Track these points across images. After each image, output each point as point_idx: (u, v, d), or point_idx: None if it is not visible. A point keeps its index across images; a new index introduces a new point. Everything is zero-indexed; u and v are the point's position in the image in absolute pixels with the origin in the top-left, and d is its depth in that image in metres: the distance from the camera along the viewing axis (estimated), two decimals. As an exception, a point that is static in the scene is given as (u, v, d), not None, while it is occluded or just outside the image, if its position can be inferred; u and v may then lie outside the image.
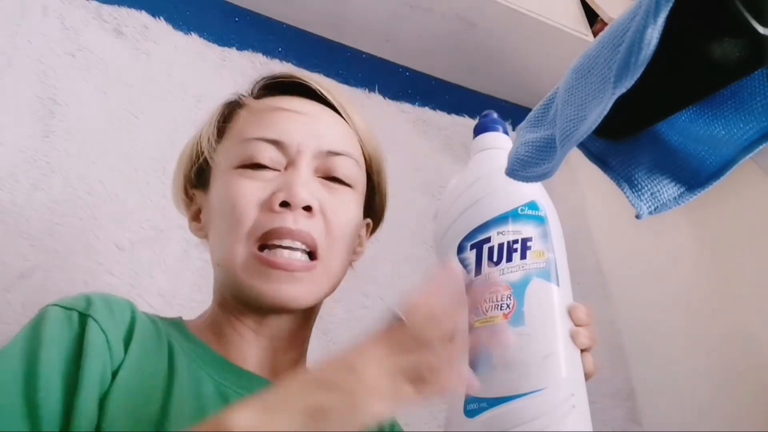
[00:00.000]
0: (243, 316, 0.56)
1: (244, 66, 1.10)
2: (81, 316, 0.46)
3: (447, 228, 0.52)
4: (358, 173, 0.61)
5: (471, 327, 0.47)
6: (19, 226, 0.80)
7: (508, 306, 0.46)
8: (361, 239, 0.67)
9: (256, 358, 0.56)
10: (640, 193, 0.33)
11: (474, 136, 0.56)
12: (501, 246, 0.48)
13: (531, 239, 0.48)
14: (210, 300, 0.61)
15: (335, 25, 1.22)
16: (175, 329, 0.55)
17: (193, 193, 0.64)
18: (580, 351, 0.46)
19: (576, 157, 0.36)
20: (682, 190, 0.33)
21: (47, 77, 0.91)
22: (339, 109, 0.62)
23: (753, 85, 0.29)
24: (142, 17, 1.03)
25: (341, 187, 0.59)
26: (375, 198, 0.66)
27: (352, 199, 0.60)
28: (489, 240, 0.49)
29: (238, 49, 1.11)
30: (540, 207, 0.49)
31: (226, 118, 0.63)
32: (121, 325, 0.48)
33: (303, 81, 0.63)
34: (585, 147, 0.36)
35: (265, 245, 0.53)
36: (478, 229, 0.50)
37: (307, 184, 0.55)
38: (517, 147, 0.40)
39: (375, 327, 0.41)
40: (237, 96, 0.65)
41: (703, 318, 1.08)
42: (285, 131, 0.57)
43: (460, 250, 0.50)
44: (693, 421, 1.02)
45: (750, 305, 1.01)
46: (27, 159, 0.85)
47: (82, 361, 0.43)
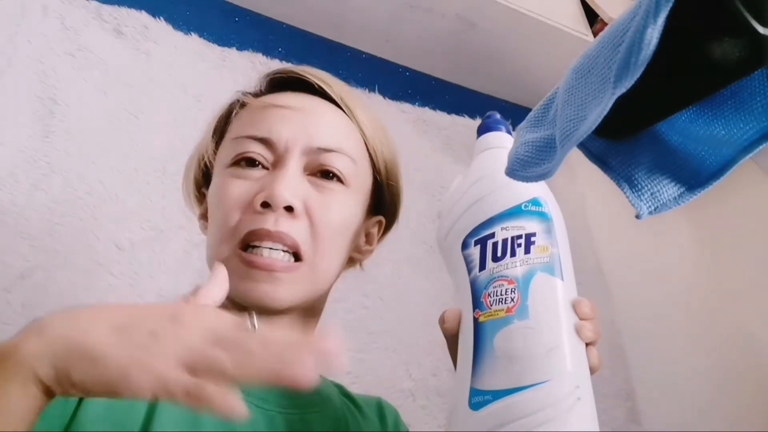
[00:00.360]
0: (238, 315, 0.55)
1: (244, 66, 1.10)
2: None
3: (451, 226, 0.52)
4: (353, 170, 0.58)
5: (476, 321, 0.47)
6: (19, 226, 0.80)
7: (512, 300, 0.46)
8: (370, 237, 0.65)
9: None
10: (640, 193, 0.33)
11: (477, 136, 0.56)
12: (505, 241, 0.48)
13: (535, 234, 0.48)
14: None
15: (335, 25, 1.22)
16: None
17: (203, 192, 0.64)
18: (585, 345, 0.46)
19: (576, 157, 0.36)
20: (682, 190, 0.33)
21: (47, 77, 0.91)
22: (339, 103, 0.60)
23: (753, 85, 0.29)
24: (142, 17, 1.03)
25: (333, 185, 0.57)
26: (384, 194, 0.64)
27: (346, 197, 0.58)
28: (493, 236, 0.49)
29: (238, 49, 1.12)
30: (543, 203, 0.49)
31: (226, 119, 0.62)
32: None
33: (301, 75, 0.61)
34: (585, 147, 0.36)
35: (248, 246, 0.53)
36: (482, 226, 0.50)
37: (290, 183, 0.53)
38: (517, 147, 0.40)
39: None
40: (240, 95, 0.64)
41: (703, 318, 1.08)
42: (274, 128, 0.56)
43: (465, 246, 0.51)
44: (693, 421, 1.02)
45: (750, 305, 1.01)
46: (27, 159, 0.85)
47: None
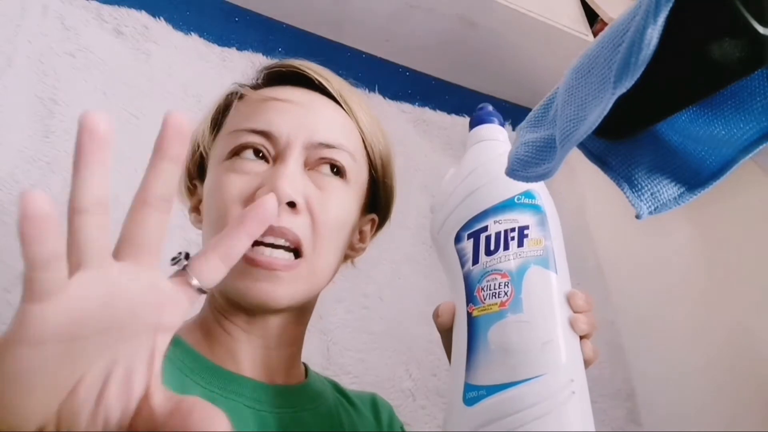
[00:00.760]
0: (232, 315, 0.55)
1: (244, 66, 1.09)
2: None
3: (444, 219, 0.52)
4: (353, 167, 0.58)
5: (470, 316, 0.47)
6: (19, 226, 0.80)
7: (505, 294, 0.45)
8: (363, 235, 0.65)
9: (248, 358, 0.55)
10: (640, 193, 0.33)
11: (470, 129, 0.56)
12: (498, 234, 0.48)
13: (528, 227, 0.47)
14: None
15: (335, 25, 1.22)
16: None
17: (194, 184, 0.63)
18: (580, 338, 0.46)
19: (576, 157, 0.36)
20: (682, 190, 0.33)
21: (47, 77, 0.91)
22: (338, 98, 0.59)
23: (753, 85, 0.29)
24: (142, 17, 1.03)
25: (333, 181, 0.56)
26: (379, 193, 0.64)
27: (345, 193, 0.57)
28: (486, 229, 0.48)
29: (238, 49, 1.12)
30: (536, 196, 0.49)
31: (224, 110, 0.61)
32: None
33: (300, 70, 0.61)
34: (585, 147, 0.36)
35: None
36: (475, 219, 0.49)
37: (293, 178, 0.53)
38: (517, 147, 0.40)
39: None
40: (237, 87, 0.63)
41: (704, 318, 1.08)
42: (274, 122, 0.55)
43: (458, 240, 0.50)
44: (693, 421, 1.02)
45: (751, 305, 1.01)
46: (27, 159, 0.85)
47: None
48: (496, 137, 0.54)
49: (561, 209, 0.51)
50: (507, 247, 0.47)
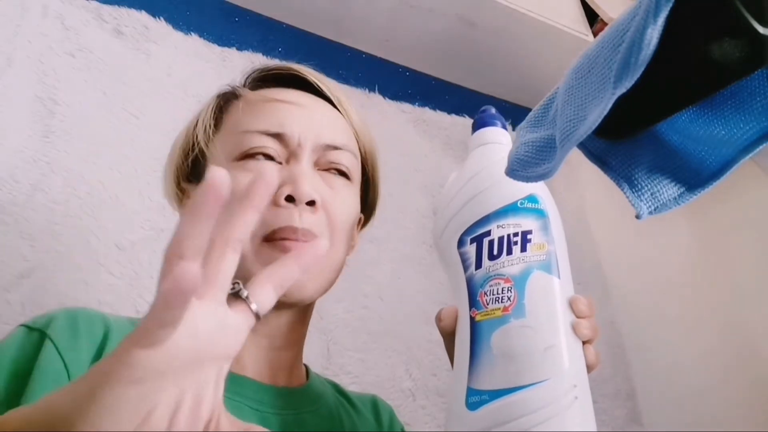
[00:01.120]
0: None
1: (244, 66, 1.09)
2: (40, 336, 0.45)
3: (446, 223, 0.52)
4: (356, 166, 0.60)
5: (472, 320, 0.47)
6: (19, 226, 0.80)
7: (508, 299, 0.45)
8: (353, 233, 0.66)
9: (253, 358, 0.55)
10: (640, 193, 0.33)
11: (472, 131, 0.56)
12: (501, 239, 0.48)
13: (531, 232, 0.47)
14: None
15: (335, 25, 1.22)
16: None
17: (185, 186, 0.63)
18: (582, 343, 0.46)
19: (576, 157, 0.36)
20: (682, 190, 0.33)
21: (47, 77, 0.91)
22: (335, 101, 0.61)
23: (753, 85, 0.29)
24: (142, 17, 1.03)
25: (340, 181, 0.58)
26: (369, 192, 0.66)
27: (351, 192, 0.60)
28: (489, 233, 0.48)
29: (238, 49, 1.12)
30: (539, 200, 0.49)
31: (222, 109, 0.62)
32: (87, 345, 0.47)
33: (299, 73, 0.62)
34: (585, 147, 0.36)
35: (270, 241, 0.53)
36: (478, 223, 0.49)
37: (310, 178, 0.55)
38: (517, 147, 0.40)
39: None
40: (231, 87, 0.64)
41: (704, 318, 1.08)
42: (286, 124, 0.56)
43: (461, 244, 0.50)
44: (693, 421, 1.02)
45: (751, 305, 1.01)
46: (27, 159, 0.85)
47: (31, 383, 0.42)
48: (499, 140, 0.54)
49: (561, 209, 0.51)
50: (510, 252, 0.47)
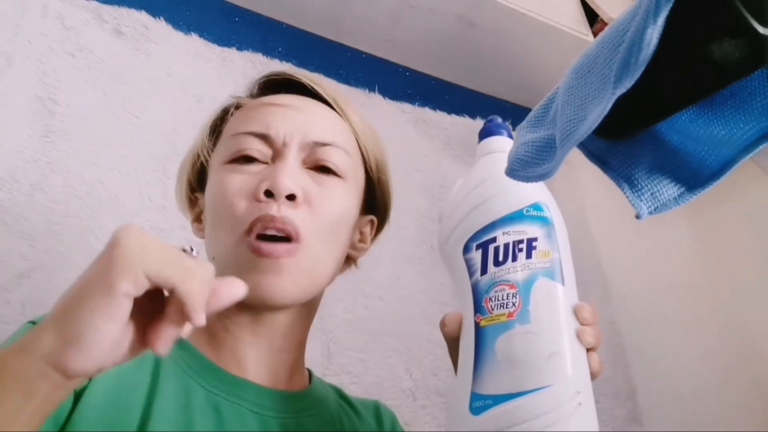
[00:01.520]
0: (238, 317, 0.55)
1: (244, 66, 1.10)
2: None
3: (452, 230, 0.52)
4: (348, 164, 0.60)
5: (477, 325, 0.47)
6: (19, 226, 0.80)
7: (513, 304, 0.46)
8: (363, 236, 0.66)
9: (252, 362, 0.55)
10: (640, 193, 0.33)
11: (479, 140, 0.57)
12: (507, 246, 0.48)
13: (536, 239, 0.48)
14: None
15: (335, 25, 1.22)
16: None
17: (195, 196, 0.65)
18: (586, 350, 0.46)
19: (576, 157, 0.36)
20: (682, 190, 0.33)
21: (47, 77, 0.91)
22: (331, 102, 0.62)
23: (753, 85, 0.29)
24: (142, 17, 1.03)
25: (330, 178, 0.58)
26: (376, 193, 0.66)
27: (342, 190, 0.59)
28: (494, 240, 0.49)
29: (238, 49, 1.12)
30: (544, 208, 0.49)
31: (222, 120, 0.63)
32: None
33: (293, 77, 0.63)
34: (585, 147, 0.36)
35: (251, 235, 0.53)
36: (484, 230, 0.50)
37: (292, 174, 0.55)
38: (517, 147, 0.40)
39: None
40: (235, 98, 0.65)
41: (704, 318, 1.08)
42: (272, 124, 0.58)
43: (466, 250, 0.51)
44: (693, 421, 1.02)
45: (751, 305, 1.01)
46: (27, 159, 0.85)
47: None
48: (505, 149, 0.54)
49: (561, 209, 0.51)
50: (515, 259, 0.47)
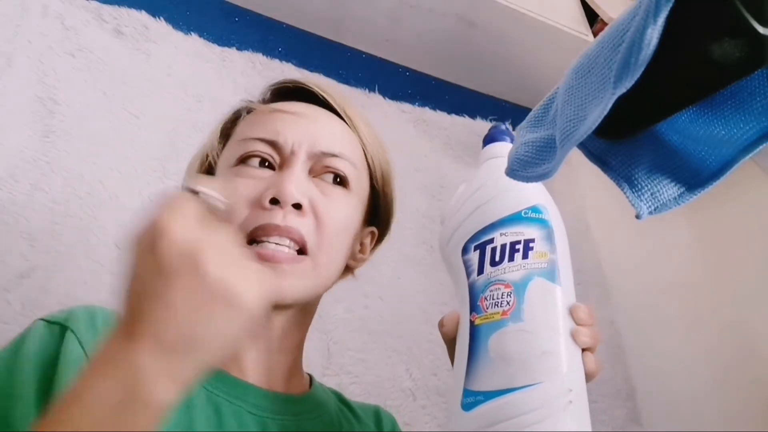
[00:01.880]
0: None
1: (244, 66, 1.10)
2: (61, 329, 0.47)
3: (453, 232, 0.53)
4: (354, 175, 0.61)
5: (472, 324, 0.48)
6: (19, 226, 0.80)
7: (507, 303, 0.46)
8: (363, 246, 0.67)
9: (252, 364, 0.56)
10: (640, 193, 0.33)
11: (483, 146, 0.57)
12: (503, 246, 0.48)
13: (534, 240, 0.48)
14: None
15: (335, 25, 1.22)
16: None
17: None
18: (582, 350, 0.46)
19: (576, 157, 0.36)
20: (682, 190, 0.33)
21: (47, 77, 0.91)
22: (341, 113, 0.62)
23: (753, 85, 0.29)
24: (142, 17, 1.03)
25: (336, 189, 0.59)
26: (380, 204, 0.66)
27: (348, 200, 0.60)
28: (492, 241, 0.49)
29: (238, 49, 1.12)
30: (543, 210, 0.50)
31: (233, 123, 0.64)
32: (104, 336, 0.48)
33: (305, 85, 0.64)
34: (585, 147, 0.36)
35: (254, 240, 0.53)
36: (482, 231, 0.50)
37: (298, 182, 0.55)
38: (517, 147, 0.40)
39: None
40: (246, 102, 0.65)
41: (704, 318, 1.08)
42: (280, 132, 0.58)
43: (465, 251, 0.51)
44: (693, 421, 1.02)
45: (751, 305, 1.01)
46: (27, 159, 0.85)
47: (58, 374, 0.44)
48: (507, 155, 0.55)
49: (561, 209, 0.52)
50: (512, 259, 0.48)
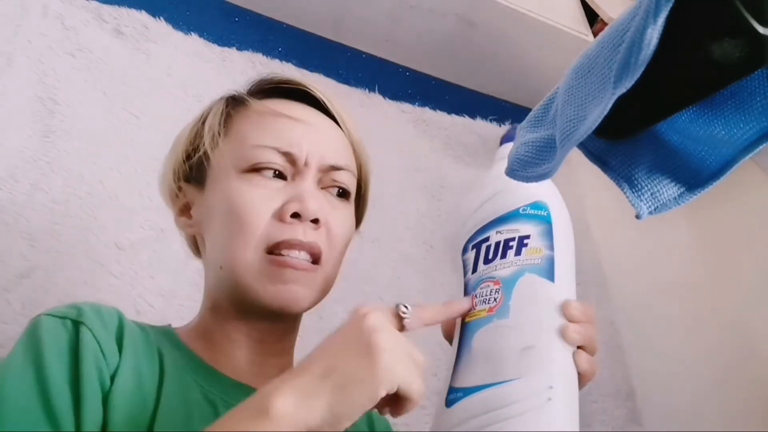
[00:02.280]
0: (236, 320, 0.57)
1: (244, 66, 1.10)
2: (74, 324, 0.47)
3: (458, 234, 0.54)
4: (353, 185, 0.62)
5: (462, 322, 0.48)
6: (19, 226, 0.80)
7: (495, 300, 0.46)
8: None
9: (246, 362, 0.57)
10: (640, 193, 0.33)
11: (499, 146, 0.58)
12: (497, 244, 0.48)
13: (529, 237, 0.48)
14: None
15: (335, 25, 1.22)
16: (164, 337, 0.55)
17: (180, 185, 0.63)
18: (579, 349, 0.45)
19: (576, 157, 0.36)
20: (682, 190, 0.33)
21: (47, 77, 0.91)
22: (338, 120, 0.63)
23: (753, 85, 0.29)
24: (142, 17, 1.03)
25: (340, 201, 0.60)
26: (360, 206, 0.67)
27: (350, 213, 0.62)
28: (488, 239, 0.49)
29: (238, 49, 1.12)
30: (544, 206, 0.49)
31: (229, 116, 0.62)
32: (112, 332, 0.49)
33: (307, 89, 0.63)
34: (585, 147, 0.36)
35: (272, 253, 0.54)
36: (480, 230, 0.51)
37: (316, 197, 0.56)
38: (517, 147, 0.40)
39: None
40: (237, 94, 0.64)
41: (704, 318, 1.08)
42: (295, 143, 0.57)
43: (464, 251, 0.52)
44: (693, 421, 1.02)
45: (751, 305, 1.01)
46: (27, 159, 0.85)
47: (80, 366, 0.44)
48: None
49: (561, 209, 0.51)
50: (504, 256, 0.48)
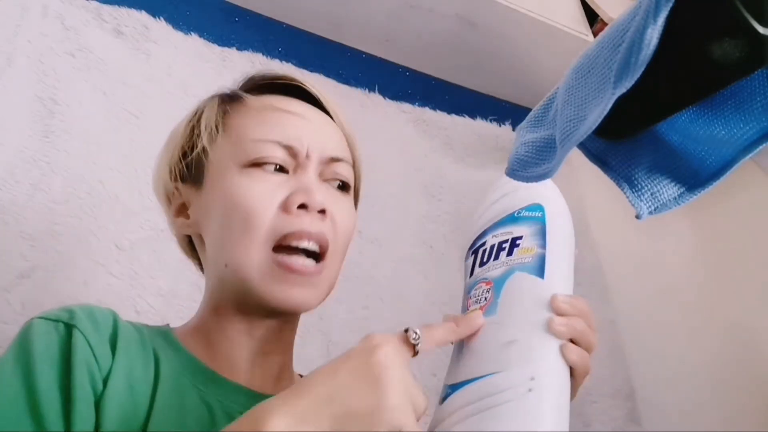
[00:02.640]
0: (237, 319, 0.57)
1: (244, 66, 1.10)
2: (66, 327, 0.47)
3: (466, 244, 0.55)
4: (352, 179, 0.63)
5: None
6: (19, 226, 0.80)
7: (485, 299, 0.47)
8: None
9: (246, 362, 0.56)
10: (640, 193, 0.33)
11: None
12: (492, 247, 0.50)
13: (521, 237, 0.49)
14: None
15: (335, 25, 1.22)
16: (160, 338, 0.55)
17: (176, 186, 0.62)
18: (567, 341, 0.44)
19: (576, 157, 0.36)
20: (682, 190, 0.33)
21: (47, 77, 0.91)
22: (332, 114, 0.63)
23: (753, 85, 0.29)
24: (142, 17, 1.03)
25: (341, 194, 0.60)
26: (354, 201, 0.67)
27: (351, 204, 0.62)
28: (484, 244, 0.51)
29: (238, 49, 1.11)
30: (540, 208, 0.50)
31: (226, 113, 0.61)
32: (105, 335, 0.49)
33: (302, 85, 0.64)
34: (585, 147, 0.36)
35: (281, 246, 0.54)
36: (479, 236, 0.52)
37: (320, 188, 0.57)
38: (517, 147, 0.40)
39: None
40: (231, 91, 0.64)
41: (704, 318, 1.08)
42: (295, 137, 0.58)
43: (466, 257, 0.53)
44: (693, 421, 1.02)
45: (751, 305, 1.01)
46: (27, 159, 0.85)
47: (71, 371, 0.44)
48: None
49: (561, 209, 0.52)
50: (497, 258, 0.49)
